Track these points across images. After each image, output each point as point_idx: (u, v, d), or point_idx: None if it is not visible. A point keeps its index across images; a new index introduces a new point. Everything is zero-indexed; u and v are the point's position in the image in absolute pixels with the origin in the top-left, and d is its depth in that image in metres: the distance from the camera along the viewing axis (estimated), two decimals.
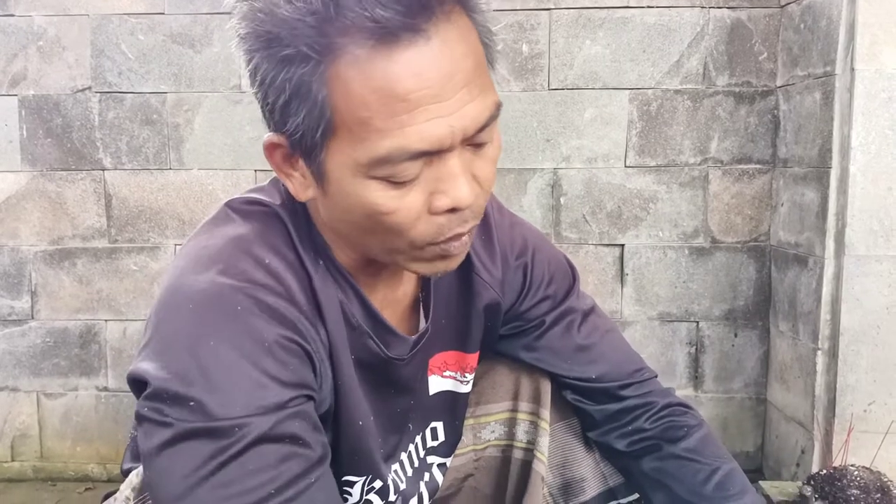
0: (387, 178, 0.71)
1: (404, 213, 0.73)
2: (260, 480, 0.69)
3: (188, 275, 0.76)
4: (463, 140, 0.72)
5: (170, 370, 0.71)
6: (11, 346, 2.31)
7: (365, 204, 0.73)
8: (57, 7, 2.21)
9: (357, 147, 0.70)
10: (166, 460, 0.70)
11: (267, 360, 0.72)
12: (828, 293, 1.88)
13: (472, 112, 0.71)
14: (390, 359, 0.90)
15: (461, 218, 0.75)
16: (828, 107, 1.86)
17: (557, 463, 1.13)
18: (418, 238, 0.75)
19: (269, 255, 0.78)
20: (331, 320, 0.82)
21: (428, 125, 0.69)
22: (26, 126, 2.25)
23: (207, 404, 0.69)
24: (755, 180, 2.20)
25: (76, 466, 2.32)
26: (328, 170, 0.73)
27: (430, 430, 1.05)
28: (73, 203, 2.26)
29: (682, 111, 2.18)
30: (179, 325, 0.73)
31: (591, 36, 2.17)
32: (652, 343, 2.25)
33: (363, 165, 0.70)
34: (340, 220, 0.79)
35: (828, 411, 1.89)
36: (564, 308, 1.05)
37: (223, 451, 0.69)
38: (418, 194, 0.73)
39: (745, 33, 2.15)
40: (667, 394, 1.09)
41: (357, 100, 0.68)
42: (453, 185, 0.72)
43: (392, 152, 0.69)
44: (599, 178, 2.21)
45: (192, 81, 2.22)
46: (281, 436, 0.71)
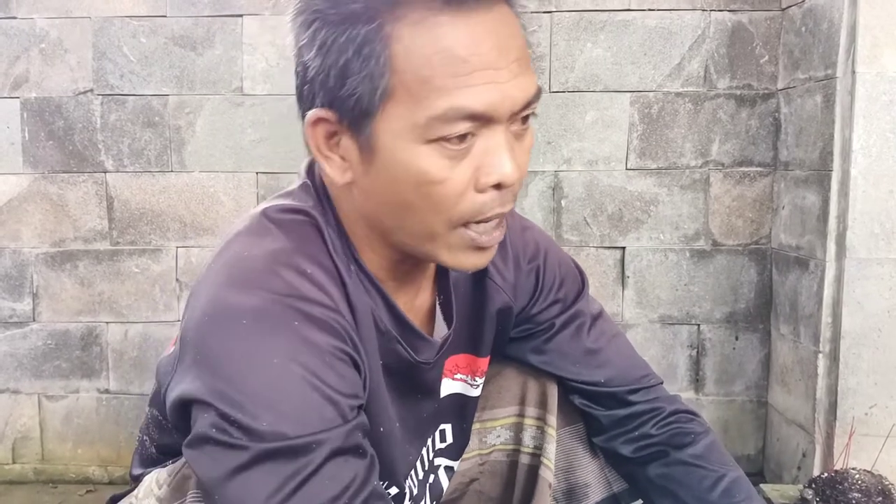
0: (441, 138, 0.72)
1: (453, 184, 0.74)
2: (336, 491, 0.70)
3: (234, 290, 0.74)
4: (510, 115, 0.75)
5: (233, 391, 0.71)
6: (13, 348, 2.31)
7: (417, 172, 0.74)
8: (59, 9, 2.21)
9: (415, 107, 0.72)
10: (243, 484, 0.70)
11: (329, 374, 0.73)
12: (829, 296, 1.88)
13: (521, 84, 0.74)
14: (418, 363, 0.91)
15: (503, 198, 0.77)
16: (829, 110, 1.86)
17: (562, 468, 1.13)
18: (457, 215, 0.76)
19: (311, 265, 0.78)
20: (363, 326, 0.83)
21: (484, 88, 0.71)
22: (28, 128, 2.25)
23: (281, 424, 0.69)
24: (756, 183, 2.20)
25: (77, 469, 2.32)
26: (378, 139, 0.74)
27: (439, 431, 1.05)
28: (74, 205, 2.27)
29: (683, 114, 2.19)
30: (235, 343, 0.72)
31: (593, 39, 2.17)
32: (653, 346, 2.25)
33: (420, 127, 0.72)
34: (380, 201, 0.79)
35: (829, 414, 1.89)
36: (574, 311, 1.06)
37: (304, 469, 0.69)
38: (467, 168, 0.74)
39: (746, 36, 2.15)
40: (673, 400, 1.09)
41: (420, 59, 0.71)
42: (500, 161, 0.74)
43: (449, 111, 0.71)
44: (600, 180, 2.21)
45: (194, 84, 2.22)
46: (350, 448, 0.73)
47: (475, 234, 0.78)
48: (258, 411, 0.69)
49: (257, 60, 2.20)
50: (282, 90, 2.20)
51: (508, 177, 0.75)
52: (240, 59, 2.21)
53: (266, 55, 2.20)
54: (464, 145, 0.73)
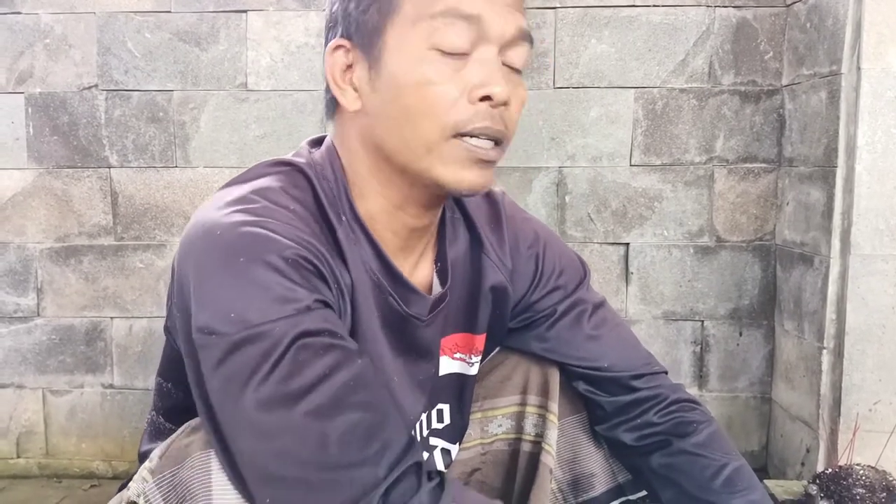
0: (439, 45, 0.81)
1: (448, 88, 0.81)
2: (313, 368, 0.73)
3: (214, 212, 0.80)
4: (505, 40, 0.83)
5: (208, 293, 0.76)
6: (17, 343, 2.31)
7: (418, 75, 0.81)
8: (63, 5, 2.21)
9: (418, 14, 0.81)
10: (222, 376, 0.74)
11: (292, 272, 0.76)
12: (833, 292, 1.88)
13: (514, 14, 0.84)
14: (409, 316, 0.92)
15: (493, 114, 0.83)
16: (834, 106, 1.86)
17: (567, 458, 1.14)
18: (451, 122, 0.82)
19: (294, 203, 0.83)
20: (355, 270, 0.87)
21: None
22: (33, 124, 2.25)
23: (245, 313, 0.73)
24: (760, 179, 2.20)
25: (81, 463, 2.33)
26: (386, 51, 0.83)
27: (436, 411, 1.05)
28: (79, 200, 2.27)
29: (687, 110, 2.18)
30: (209, 252, 0.77)
31: (597, 35, 2.17)
32: (657, 342, 2.25)
33: (420, 30, 0.81)
34: (382, 116, 0.85)
35: (833, 410, 1.89)
36: (575, 298, 1.07)
37: (272, 352, 0.73)
38: (461, 79, 0.82)
39: (750, 32, 2.15)
40: (676, 389, 1.10)
41: None
42: (492, 75, 0.82)
43: (448, 7, 0.80)
44: (604, 176, 2.21)
45: (199, 79, 2.22)
46: (319, 330, 0.75)
47: (470, 145, 0.83)
48: (227, 305, 0.74)
49: (261, 56, 2.20)
50: (286, 86, 2.20)
51: (498, 93, 0.81)
52: (244, 54, 2.21)
53: (270, 51, 2.20)
54: (459, 57, 0.82)
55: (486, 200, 1.06)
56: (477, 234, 1.02)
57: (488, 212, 1.05)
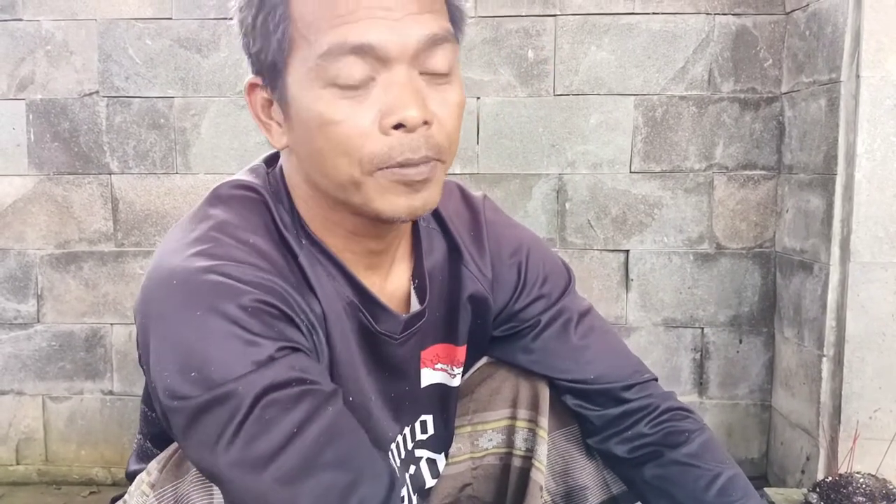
0: (334, 81, 0.74)
1: (353, 124, 0.75)
2: (280, 427, 0.71)
3: (171, 258, 0.78)
4: (411, 54, 0.75)
5: (167, 349, 0.74)
6: (17, 349, 2.31)
7: (317, 114, 0.76)
8: (65, 12, 2.22)
9: (308, 51, 0.75)
10: (191, 441, 0.73)
11: (253, 323, 0.74)
12: (833, 300, 1.88)
13: (419, 21, 0.75)
14: (381, 334, 0.90)
15: (413, 142, 0.76)
16: (833, 113, 1.87)
17: (559, 471, 1.12)
18: (367, 158, 0.76)
19: (253, 235, 0.81)
20: (324, 295, 0.84)
21: (369, 22, 0.74)
22: (34, 130, 2.26)
23: (206, 373, 0.71)
24: (760, 186, 2.20)
25: (81, 470, 2.33)
26: (289, 91, 0.78)
27: (419, 422, 1.04)
28: (79, 207, 2.27)
29: (687, 117, 2.19)
30: (165, 303, 0.75)
31: (597, 42, 2.18)
32: (657, 349, 2.25)
33: (314, 69, 0.75)
34: (302, 156, 0.82)
35: (833, 418, 1.89)
36: (559, 307, 1.05)
37: (236, 413, 0.70)
38: (368, 110, 0.75)
39: (750, 40, 2.16)
40: (667, 397, 1.08)
41: (308, 6, 0.75)
42: (400, 99, 0.75)
43: (332, 45, 0.73)
44: (604, 183, 2.21)
45: (199, 86, 2.22)
46: (286, 381, 0.73)
47: (396, 175, 0.77)
48: (188, 365, 0.72)
49: None
50: None
51: (410, 118, 0.74)
52: (245, 61, 2.20)
53: None
54: (360, 88, 0.75)
55: (467, 207, 1.03)
56: (455, 244, 0.99)
57: (468, 219, 1.02)
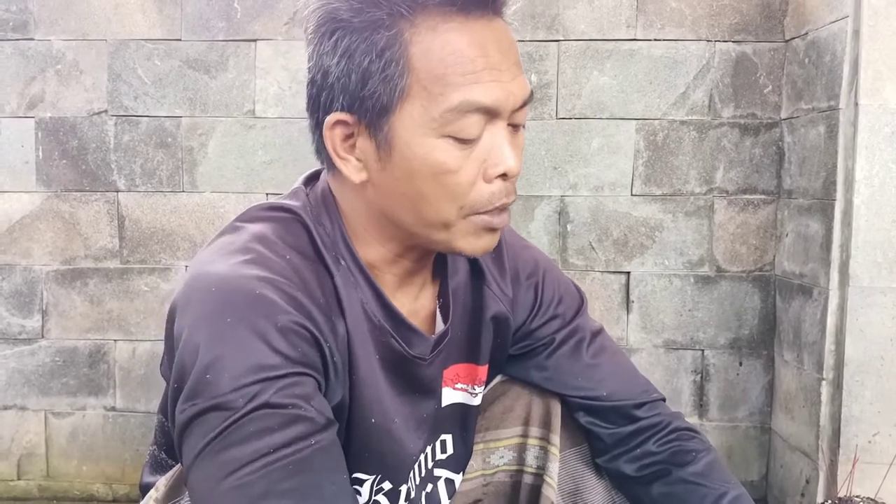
0: (455, 134, 0.80)
1: (465, 173, 0.82)
2: (257, 443, 0.72)
3: (212, 263, 0.81)
4: (512, 110, 0.83)
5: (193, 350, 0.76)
6: (21, 364, 2.32)
7: (434, 163, 0.81)
8: (76, 32, 2.25)
9: (431, 103, 0.80)
10: (187, 439, 0.75)
11: (277, 339, 0.76)
12: (832, 324, 1.90)
13: (520, 83, 0.83)
14: (413, 357, 0.93)
15: (507, 188, 0.84)
16: (832, 140, 1.89)
17: (569, 491, 1.13)
18: (469, 204, 0.83)
19: (291, 252, 0.83)
20: (351, 317, 0.86)
21: (492, 84, 0.80)
22: (42, 147, 2.28)
23: (217, 380, 0.74)
24: (760, 211, 2.22)
25: (82, 486, 2.33)
26: (396, 135, 0.81)
27: (439, 441, 1.05)
28: (86, 224, 2.29)
29: (687, 142, 2.22)
30: (202, 307, 0.78)
31: (599, 67, 2.21)
32: (657, 370, 2.26)
33: (436, 120, 0.80)
34: (397, 194, 0.84)
35: (832, 441, 1.90)
36: (573, 327, 1.08)
37: (227, 419, 0.73)
38: (476, 160, 0.82)
39: (750, 66, 2.19)
40: (675, 417, 1.10)
41: (435, 60, 0.79)
42: (506, 153, 0.83)
43: (463, 103, 0.79)
44: (606, 205, 2.24)
45: (207, 106, 2.25)
46: (283, 403, 0.74)
47: (485, 220, 0.85)
48: (204, 367, 0.74)
49: (269, 84, 2.24)
50: (293, 113, 2.23)
51: (513, 168, 0.83)
52: (252, 82, 2.24)
53: (278, 79, 2.23)
54: (473, 140, 0.81)
55: None
56: (478, 265, 1.02)
57: None
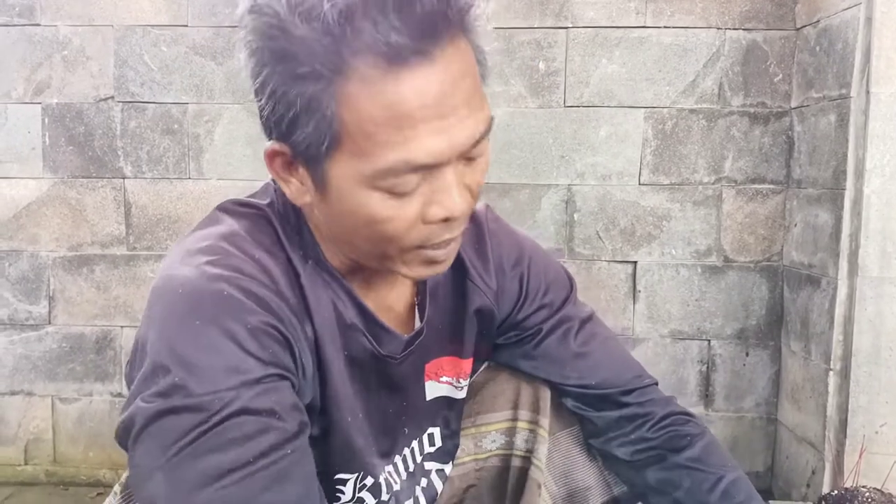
0: (388, 189, 0.74)
1: (400, 222, 0.77)
2: (237, 450, 0.71)
3: (178, 266, 0.79)
4: (459, 154, 0.76)
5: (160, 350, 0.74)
6: (28, 350, 2.33)
7: (365, 213, 0.76)
8: (82, 17, 2.25)
9: (362, 159, 0.73)
10: (149, 436, 0.72)
11: (248, 341, 0.74)
12: (840, 314, 1.89)
13: (469, 127, 0.75)
14: (383, 356, 0.92)
15: (451, 227, 0.79)
16: (843, 129, 1.88)
17: (561, 472, 1.13)
18: (407, 244, 0.79)
19: (258, 251, 0.82)
20: (319, 316, 0.85)
21: (430, 140, 0.72)
22: (49, 133, 2.28)
23: (189, 381, 0.72)
24: (769, 200, 2.21)
25: (88, 471, 2.34)
26: (330, 178, 0.76)
27: (426, 435, 1.05)
28: (92, 210, 2.29)
29: (696, 130, 2.20)
30: (169, 309, 0.76)
31: (608, 55, 2.19)
32: (663, 361, 2.26)
33: (367, 177, 0.74)
34: (336, 225, 0.82)
35: (839, 432, 1.89)
36: (561, 316, 1.07)
37: (204, 423, 0.71)
38: (414, 205, 0.76)
39: (760, 55, 2.17)
40: (668, 402, 1.09)
41: (365, 115, 0.71)
42: (448, 197, 0.76)
43: (396, 164, 0.72)
44: (613, 195, 2.23)
45: (213, 93, 2.25)
46: (259, 409, 0.73)
47: (427, 255, 0.81)
48: (174, 369, 0.72)
49: None
50: None
51: (455, 212, 0.77)
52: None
53: None
54: (409, 192, 0.76)
55: (470, 220, 1.03)
56: (460, 259, 1.00)
57: (472, 232, 1.03)
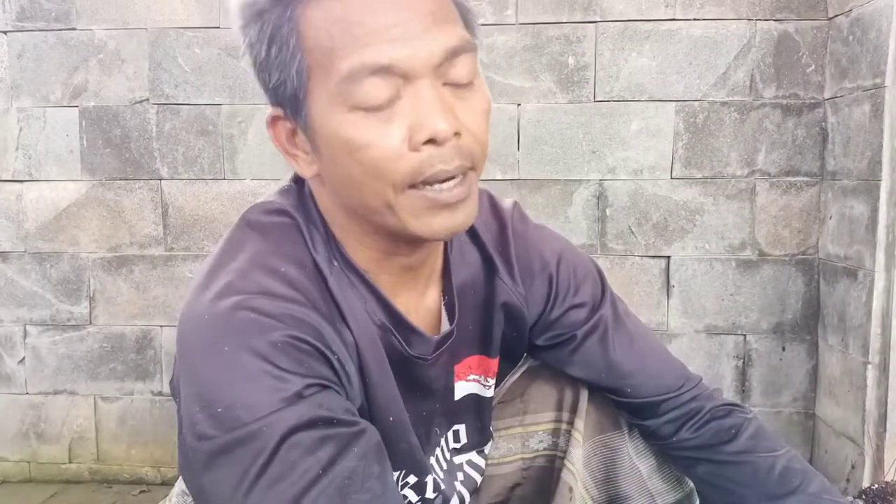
0: (359, 105, 0.73)
1: (382, 146, 0.74)
2: (304, 468, 0.70)
3: (205, 294, 0.78)
4: (432, 68, 0.74)
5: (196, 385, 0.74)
6: (70, 350, 2.38)
7: (344, 140, 0.75)
8: (117, 21, 2.28)
9: (327, 78, 0.74)
10: (211, 478, 0.73)
11: (282, 359, 0.73)
12: (878, 306, 1.87)
13: (436, 35, 0.74)
14: (413, 357, 0.91)
15: (444, 154, 0.75)
16: (877, 119, 1.86)
17: (601, 478, 1.11)
18: (399, 177, 0.75)
19: (285, 264, 0.80)
20: (354, 320, 0.84)
21: (387, 44, 0.72)
22: (86, 136, 2.32)
23: (234, 411, 0.71)
24: (803, 193, 2.19)
25: (131, 469, 2.39)
26: (313, 120, 0.76)
27: (452, 432, 1.05)
28: (130, 211, 2.33)
29: (728, 123, 2.19)
30: (196, 338, 0.76)
31: (638, 48, 2.19)
32: (698, 356, 2.25)
33: (336, 95, 0.73)
34: (335, 183, 0.80)
35: (878, 426, 1.87)
36: (595, 320, 1.04)
37: (261, 453, 0.70)
38: (397, 129, 0.74)
39: (792, 45, 2.15)
40: (709, 397, 1.07)
41: (322, 33, 0.73)
42: (428, 113, 0.73)
43: (352, 69, 0.72)
44: (645, 189, 2.22)
45: (246, 94, 2.27)
46: (312, 421, 0.72)
47: (429, 195, 0.76)
48: (214, 401, 0.72)
49: None
50: None
51: (439, 131, 0.73)
52: None
53: None
54: (386, 108, 0.74)
55: (495, 219, 1.02)
56: (488, 256, 0.99)
57: (496, 232, 1.01)
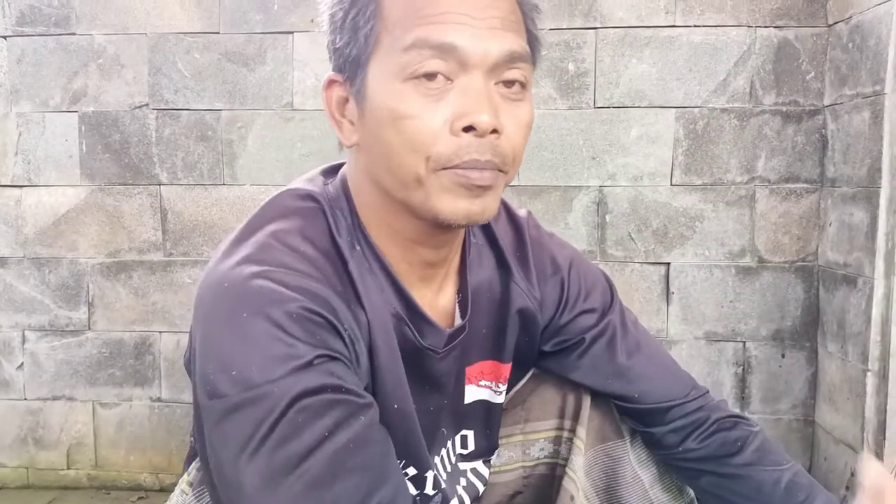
0: (415, 74, 0.77)
1: (426, 121, 0.78)
2: (312, 431, 0.73)
3: (223, 263, 0.81)
4: (489, 65, 0.79)
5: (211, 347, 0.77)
6: (69, 356, 2.37)
7: (392, 108, 0.79)
8: (116, 26, 2.28)
9: (393, 45, 0.78)
10: (221, 436, 0.75)
11: (296, 329, 0.75)
12: (878, 314, 1.87)
13: (500, 37, 0.79)
14: (424, 348, 0.91)
15: (480, 146, 0.78)
16: (877, 126, 1.86)
17: (602, 487, 1.11)
18: (434, 155, 0.78)
19: (305, 244, 0.83)
20: (369, 303, 0.86)
21: (454, 26, 0.77)
22: (86, 141, 2.32)
23: (246, 373, 0.74)
24: (803, 200, 2.19)
25: (129, 476, 2.38)
26: (368, 85, 0.81)
27: (460, 437, 1.05)
28: (129, 217, 2.33)
29: (728, 130, 2.19)
30: (215, 304, 0.78)
31: (638, 55, 2.19)
32: (698, 363, 2.25)
33: (397, 63, 0.78)
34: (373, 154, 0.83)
35: (878, 433, 1.87)
36: (603, 325, 1.05)
37: (270, 413, 0.72)
38: (442, 110, 0.78)
39: (792, 52, 2.15)
40: (716, 408, 1.08)
41: (397, 4, 0.79)
42: (475, 103, 0.77)
43: (417, 40, 0.77)
44: (645, 196, 2.22)
45: (246, 99, 2.27)
46: (321, 387, 0.75)
47: (460, 175, 0.79)
48: (228, 363, 0.75)
49: (307, 76, 2.25)
50: None
51: (482, 122, 0.77)
52: (290, 74, 2.26)
53: (316, 71, 2.25)
54: (438, 86, 0.78)
55: (512, 225, 1.04)
56: (504, 260, 1.01)
57: (513, 238, 1.03)
